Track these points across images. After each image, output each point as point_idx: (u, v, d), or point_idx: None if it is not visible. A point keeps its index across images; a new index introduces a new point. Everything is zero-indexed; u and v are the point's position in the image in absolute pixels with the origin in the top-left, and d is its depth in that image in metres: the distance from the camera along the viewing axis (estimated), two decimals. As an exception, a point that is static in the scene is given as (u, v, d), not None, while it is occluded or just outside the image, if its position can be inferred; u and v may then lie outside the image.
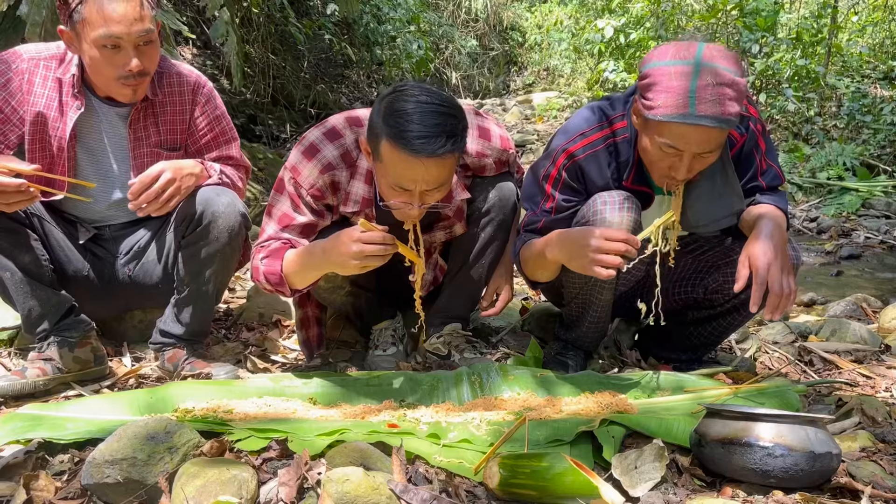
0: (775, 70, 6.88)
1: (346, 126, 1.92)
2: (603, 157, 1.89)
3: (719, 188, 1.85)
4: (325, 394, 1.87)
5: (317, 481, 1.32)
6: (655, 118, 1.66)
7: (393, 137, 1.64)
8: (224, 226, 1.96)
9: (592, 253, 1.68)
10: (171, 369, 2.04)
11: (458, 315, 2.19)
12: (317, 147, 1.88)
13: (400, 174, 1.69)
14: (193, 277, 2.02)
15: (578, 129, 1.91)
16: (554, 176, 1.92)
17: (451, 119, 1.66)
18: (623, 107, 1.90)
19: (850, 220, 5.40)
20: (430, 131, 1.62)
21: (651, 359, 2.28)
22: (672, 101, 1.63)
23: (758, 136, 1.92)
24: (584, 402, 1.77)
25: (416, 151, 1.62)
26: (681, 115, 1.62)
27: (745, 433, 1.37)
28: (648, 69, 1.70)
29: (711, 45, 1.68)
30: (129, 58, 1.87)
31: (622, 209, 1.81)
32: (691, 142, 1.66)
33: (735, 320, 2.08)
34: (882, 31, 8.21)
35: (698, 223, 1.89)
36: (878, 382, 2.07)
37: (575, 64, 11.99)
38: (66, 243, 2.06)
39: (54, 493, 1.34)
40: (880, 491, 1.36)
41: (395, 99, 1.68)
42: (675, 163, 1.72)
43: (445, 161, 1.67)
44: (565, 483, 1.29)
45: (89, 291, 2.12)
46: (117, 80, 1.90)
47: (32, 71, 1.99)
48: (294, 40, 8.08)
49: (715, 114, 1.61)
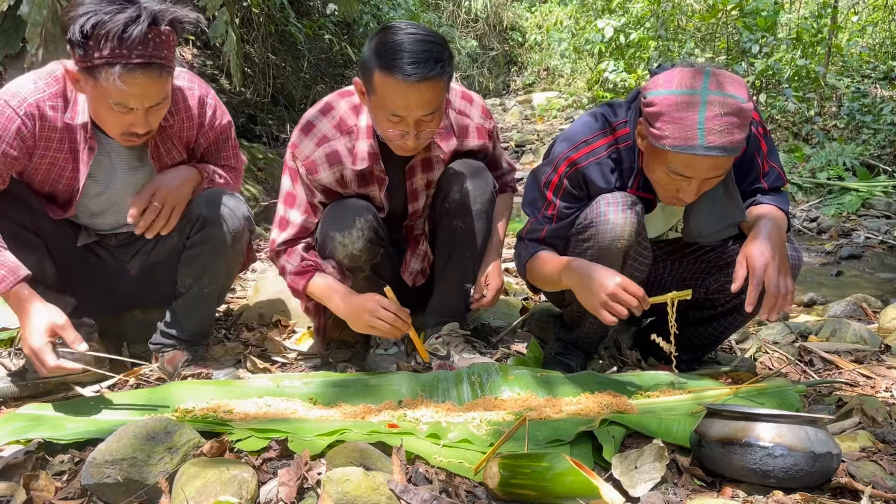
0: (775, 70, 6.87)
1: (338, 98, 2.03)
2: (606, 165, 1.90)
3: (721, 200, 1.87)
4: (325, 394, 1.87)
5: (317, 481, 1.32)
6: (664, 148, 1.67)
7: (385, 67, 1.75)
8: (229, 229, 1.96)
9: (606, 297, 1.72)
10: (171, 371, 2.03)
11: (454, 312, 2.19)
12: (312, 123, 2.00)
13: (394, 101, 1.78)
14: (196, 279, 2.01)
15: (581, 136, 1.91)
16: (555, 183, 1.93)
17: (438, 47, 1.78)
18: (625, 113, 1.90)
19: (850, 220, 5.40)
20: (420, 57, 1.74)
21: (651, 359, 2.28)
22: (680, 133, 1.63)
23: (759, 139, 1.93)
24: (584, 402, 1.77)
25: (407, 76, 1.73)
26: (690, 146, 1.63)
27: (745, 433, 1.37)
28: (654, 97, 1.68)
29: (717, 72, 1.68)
30: (139, 120, 1.77)
31: (626, 211, 1.82)
32: (700, 169, 1.68)
33: (736, 320, 2.08)
34: (882, 31, 8.21)
35: (700, 233, 1.92)
36: (878, 382, 2.07)
37: (575, 64, 11.99)
38: (68, 245, 2.04)
39: (54, 493, 1.34)
40: (880, 491, 1.36)
41: (384, 35, 1.80)
42: (682, 186, 1.74)
43: (436, 85, 1.78)
44: (565, 483, 1.29)
45: (91, 291, 2.11)
46: (121, 135, 1.81)
47: (42, 117, 1.80)
48: (294, 40, 8.08)
49: (724, 144, 1.62)
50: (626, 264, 1.90)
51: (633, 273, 1.94)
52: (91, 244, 2.09)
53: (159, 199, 1.89)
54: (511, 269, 3.63)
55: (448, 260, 2.14)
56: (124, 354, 2.23)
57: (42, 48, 3.28)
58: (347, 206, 1.98)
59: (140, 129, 1.79)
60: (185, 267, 2.01)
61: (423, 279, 2.26)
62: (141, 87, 1.70)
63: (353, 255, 1.94)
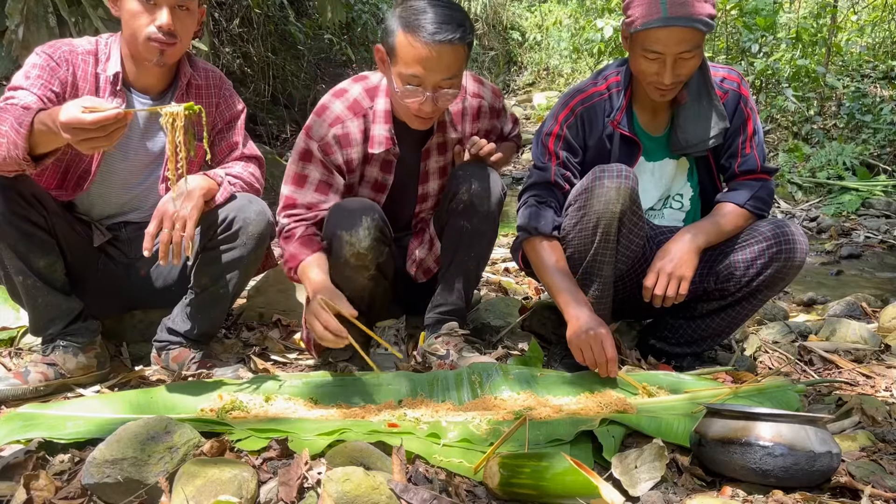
0: (775, 70, 6.87)
1: (351, 83, 2.09)
2: (599, 107, 2.08)
3: (705, 110, 2.04)
4: (325, 394, 1.87)
5: (317, 481, 1.32)
6: (635, 30, 1.88)
7: (408, 28, 1.81)
8: (253, 233, 1.97)
9: (587, 340, 1.88)
10: (176, 369, 2.03)
11: (454, 311, 2.19)
12: (326, 105, 2.05)
13: (415, 62, 1.82)
14: (214, 280, 2.00)
15: (577, 88, 2.14)
16: (556, 132, 2.09)
17: (460, 13, 1.87)
18: (618, 66, 2.11)
19: (849, 219, 5.40)
20: (443, 19, 1.81)
21: (651, 358, 2.28)
22: (645, 10, 1.85)
23: (747, 119, 2.08)
24: (584, 402, 1.77)
25: (431, 35, 1.79)
26: (655, 20, 1.83)
27: (744, 433, 1.37)
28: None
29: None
30: (163, 14, 1.85)
31: (619, 177, 1.91)
32: (669, 43, 1.85)
33: (745, 310, 2.10)
34: (881, 30, 8.21)
35: (688, 143, 2.07)
36: (878, 382, 2.07)
37: (575, 63, 11.99)
38: (80, 245, 2.03)
39: (54, 493, 1.34)
40: (880, 490, 1.36)
41: (407, 1, 1.86)
42: (659, 68, 1.90)
43: (457, 50, 1.83)
44: (565, 483, 1.29)
45: (98, 291, 2.11)
46: (147, 39, 1.88)
47: (75, 63, 1.94)
48: (294, 40, 8.07)
49: (685, 14, 1.81)
50: (622, 233, 1.95)
51: (629, 245, 1.99)
52: (102, 244, 2.08)
53: (168, 223, 1.86)
54: (511, 268, 3.63)
55: (452, 260, 2.14)
56: (124, 354, 2.24)
57: (23, 26, 3.22)
58: (354, 205, 1.98)
59: (164, 21, 1.86)
60: (204, 267, 2.00)
61: (427, 276, 2.25)
62: None
63: (360, 254, 1.94)
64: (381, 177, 2.11)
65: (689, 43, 1.86)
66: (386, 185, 2.12)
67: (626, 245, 1.98)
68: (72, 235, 2.00)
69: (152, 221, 1.82)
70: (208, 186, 1.91)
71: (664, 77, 1.90)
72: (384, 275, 2.09)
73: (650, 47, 1.88)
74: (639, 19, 1.86)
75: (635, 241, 1.99)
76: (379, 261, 2.01)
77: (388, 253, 2.05)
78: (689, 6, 1.81)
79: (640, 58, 1.93)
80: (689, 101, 2.04)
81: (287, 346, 2.37)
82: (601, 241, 1.94)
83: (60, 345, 1.96)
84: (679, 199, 2.19)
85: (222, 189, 1.95)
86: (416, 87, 1.86)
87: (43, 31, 3.23)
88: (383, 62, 1.93)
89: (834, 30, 7.29)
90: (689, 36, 1.85)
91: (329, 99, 2.06)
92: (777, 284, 2.04)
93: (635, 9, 1.88)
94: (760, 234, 2.02)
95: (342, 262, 1.96)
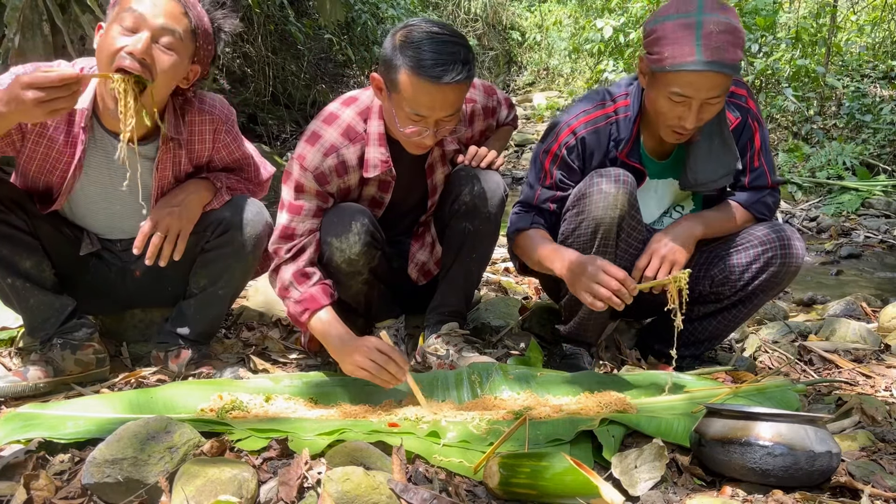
0: (775, 70, 6.87)
1: (341, 107, 2.01)
2: (603, 133, 2.00)
3: (717, 148, 1.96)
4: (325, 394, 1.87)
5: (317, 481, 1.32)
6: (665, 69, 1.76)
7: (413, 67, 1.75)
8: (250, 234, 1.97)
9: (586, 279, 1.77)
10: (177, 370, 2.04)
11: (455, 312, 2.19)
12: (318, 133, 1.96)
13: (419, 102, 1.78)
14: (212, 281, 2.01)
15: (582, 107, 2.03)
16: (554, 151, 2.02)
17: (463, 48, 1.80)
18: (626, 87, 2.01)
19: (849, 219, 5.40)
20: (448, 59, 1.75)
21: (651, 358, 2.28)
22: (679, 51, 1.73)
23: (754, 132, 2.02)
24: (584, 402, 1.77)
25: (436, 78, 1.74)
26: (689, 62, 1.72)
27: (744, 432, 1.37)
28: (653, 26, 1.80)
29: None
30: (141, 37, 1.69)
31: (618, 182, 1.88)
32: (700, 88, 1.75)
33: (741, 313, 2.10)
34: (881, 30, 8.21)
35: (697, 182, 1.99)
36: (878, 382, 2.07)
37: (575, 64, 11.99)
38: (68, 248, 2.03)
39: (54, 493, 1.34)
40: (880, 490, 1.36)
41: (408, 33, 1.80)
42: (683, 112, 1.81)
43: (461, 87, 1.80)
44: (565, 483, 1.29)
45: (92, 290, 2.11)
46: (112, 54, 1.70)
47: None
48: (294, 39, 8.07)
49: (720, 59, 1.71)
50: (620, 238, 1.93)
51: (628, 249, 1.97)
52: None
53: (162, 228, 1.86)
54: (511, 268, 3.63)
55: (454, 261, 2.14)
56: (124, 354, 2.24)
57: (19, 34, 3.21)
58: (343, 211, 1.96)
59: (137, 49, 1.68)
60: (202, 268, 2.01)
61: (428, 278, 2.25)
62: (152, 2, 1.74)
63: (351, 260, 1.93)
64: (378, 195, 2.07)
65: (720, 88, 1.76)
66: (383, 203, 2.09)
67: (625, 249, 1.96)
68: (58, 238, 1.99)
69: (148, 222, 1.85)
70: (208, 198, 1.97)
71: (687, 121, 1.81)
72: (378, 277, 2.09)
73: (678, 90, 1.76)
74: (668, 59, 1.75)
75: (634, 245, 1.97)
76: (371, 265, 2.00)
77: (381, 257, 2.05)
78: (724, 51, 1.71)
79: (663, 98, 1.81)
80: (701, 140, 1.95)
81: (287, 346, 2.37)
82: (600, 245, 1.92)
83: (57, 343, 1.96)
84: (680, 210, 2.16)
85: (218, 195, 1.99)
86: (417, 122, 1.82)
87: (38, 39, 3.23)
88: (380, 90, 1.87)
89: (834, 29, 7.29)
90: (721, 81, 1.75)
91: (320, 126, 1.97)
92: (773, 289, 2.03)
93: (665, 47, 1.75)
94: (756, 237, 2.00)
95: (334, 269, 1.95)
